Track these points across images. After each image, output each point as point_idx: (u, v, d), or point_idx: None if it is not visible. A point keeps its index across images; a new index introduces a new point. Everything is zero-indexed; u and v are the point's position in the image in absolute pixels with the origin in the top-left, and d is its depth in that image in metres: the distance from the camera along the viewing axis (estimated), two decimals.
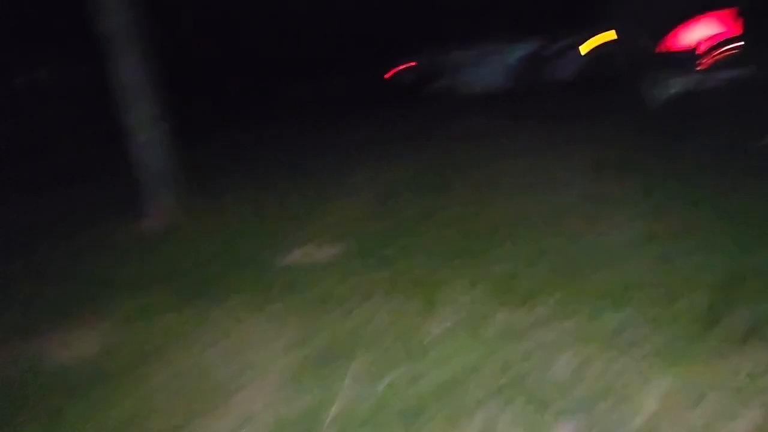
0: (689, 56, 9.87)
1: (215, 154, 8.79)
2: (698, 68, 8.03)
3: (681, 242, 3.40)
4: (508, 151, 6.41)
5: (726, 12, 11.42)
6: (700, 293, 2.77)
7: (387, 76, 15.71)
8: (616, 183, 4.66)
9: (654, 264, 3.18)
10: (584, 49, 14.56)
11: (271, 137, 9.99)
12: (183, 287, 3.82)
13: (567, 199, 4.51)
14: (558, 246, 3.64)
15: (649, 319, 2.62)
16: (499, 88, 13.28)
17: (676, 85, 7.63)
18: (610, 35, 14.83)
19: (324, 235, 4.44)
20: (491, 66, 13.61)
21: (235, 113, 13.76)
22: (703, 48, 10.07)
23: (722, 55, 9.71)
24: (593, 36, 14.97)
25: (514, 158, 5.98)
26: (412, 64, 15.31)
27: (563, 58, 13.83)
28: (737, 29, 10.64)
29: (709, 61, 9.30)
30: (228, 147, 9.43)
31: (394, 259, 3.78)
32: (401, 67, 15.35)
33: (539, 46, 14.32)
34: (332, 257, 3.99)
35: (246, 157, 8.19)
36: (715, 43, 10.47)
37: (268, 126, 11.37)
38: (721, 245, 3.26)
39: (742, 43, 9.30)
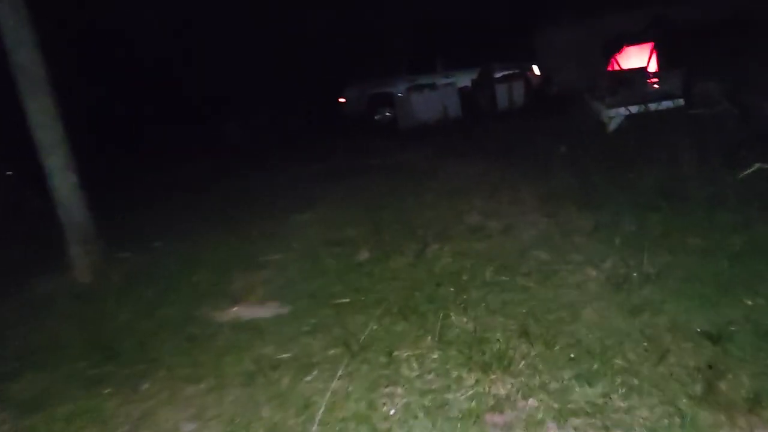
0: (641, 74, 10.00)
1: (141, 200, 8.21)
2: (651, 85, 8.04)
3: (657, 285, 3.15)
4: (456, 186, 6.16)
5: (644, 45, 11.77)
6: (690, 348, 2.50)
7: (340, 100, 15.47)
8: (576, 220, 4.42)
9: (632, 312, 2.90)
10: (531, 74, 14.81)
11: (200, 180, 9.44)
12: (108, 356, 3.33)
13: (526, 239, 4.23)
14: (521, 294, 3.33)
15: (635, 383, 2.32)
16: (447, 116, 13.18)
17: (627, 109, 7.57)
18: (543, 66, 15.17)
19: (263, 289, 4.02)
20: (437, 95, 13.51)
21: (159, 156, 13.13)
22: (650, 68, 10.25)
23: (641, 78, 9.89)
24: (533, 65, 15.29)
25: (465, 195, 5.71)
26: (342, 100, 15.17)
27: (510, 85, 13.96)
28: (655, 61, 10.95)
29: (654, 83, 9.43)
30: (153, 192, 8.85)
31: (344, 316, 3.39)
32: (341, 99, 15.17)
33: (483, 74, 14.42)
34: (274, 315, 3.57)
35: (173, 204, 7.61)
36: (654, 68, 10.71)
37: (197, 168, 10.87)
38: (701, 288, 3.02)
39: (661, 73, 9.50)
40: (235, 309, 3.80)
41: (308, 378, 2.77)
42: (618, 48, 12.84)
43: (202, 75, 17.14)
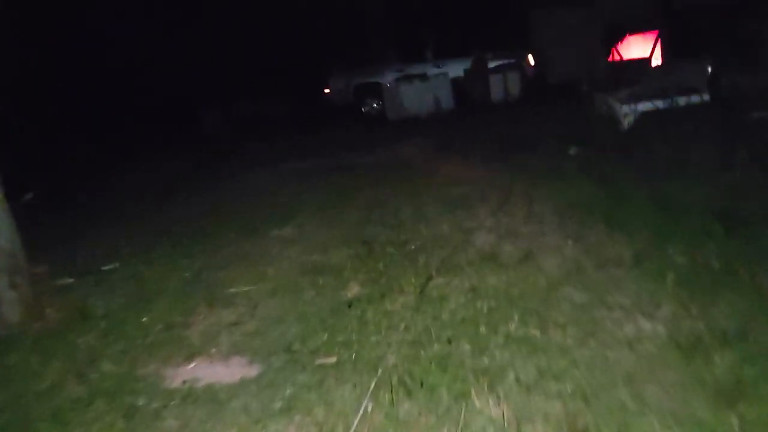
0: (643, 64, 9.28)
1: (104, 207, 7.34)
2: (668, 78, 7.29)
3: (741, 350, 2.39)
4: (458, 194, 5.38)
5: (647, 34, 11.07)
6: None
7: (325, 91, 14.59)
8: (610, 244, 3.66)
9: (720, 398, 2.14)
10: (526, 63, 14.02)
11: (172, 182, 8.56)
12: None
13: (552, 271, 3.46)
14: (559, 358, 2.56)
15: None
16: (438, 109, 12.41)
17: (641, 106, 6.83)
18: (538, 55, 14.37)
19: (228, 337, 3.21)
20: (429, 85, 12.71)
21: (133, 153, 12.20)
22: (638, 59, 9.55)
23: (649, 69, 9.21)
24: (528, 54, 14.47)
25: (469, 206, 4.93)
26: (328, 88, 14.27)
27: (504, 75, 13.17)
28: (658, 47, 10.24)
29: (642, 73, 8.73)
30: (119, 197, 7.97)
31: (329, 385, 2.60)
32: (326, 89, 14.28)
33: (476, 63, 13.61)
34: (238, 380, 2.76)
35: (137, 212, 6.71)
36: (646, 57, 10.01)
37: (171, 166, 9.99)
38: None
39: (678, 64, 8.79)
40: (191, 366, 3.00)
41: None
42: (621, 36, 12.10)
43: (181, 65, 16.30)
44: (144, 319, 3.58)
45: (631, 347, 2.56)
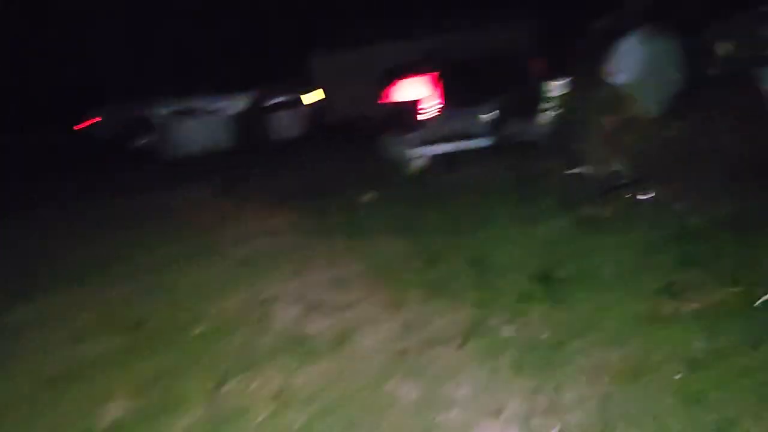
0: (411, 109, 9.41)
1: None
2: (419, 120, 7.40)
3: None
4: (249, 252, 4.67)
5: (427, 74, 11.48)
6: None
7: (77, 127, 12.79)
8: (433, 316, 3.21)
9: None
10: (307, 101, 13.73)
11: None
12: None
13: (374, 358, 2.91)
14: None
15: None
16: (217, 146, 11.53)
17: (428, 150, 6.83)
18: (320, 94, 14.24)
19: None
20: (205, 121, 11.79)
21: None
22: (421, 103, 9.76)
23: (433, 113, 9.48)
24: (308, 92, 14.24)
25: (263, 267, 4.26)
26: (98, 118, 12.62)
27: (285, 113, 12.79)
28: (440, 91, 10.64)
29: (427, 117, 8.92)
30: None
31: None
32: (91, 121, 12.58)
33: (256, 100, 13.03)
34: None
35: None
36: (428, 101, 10.27)
37: None
38: None
39: (440, 104, 9.15)
40: None
41: None
42: (396, 77, 12.34)
43: None
44: None
45: None
